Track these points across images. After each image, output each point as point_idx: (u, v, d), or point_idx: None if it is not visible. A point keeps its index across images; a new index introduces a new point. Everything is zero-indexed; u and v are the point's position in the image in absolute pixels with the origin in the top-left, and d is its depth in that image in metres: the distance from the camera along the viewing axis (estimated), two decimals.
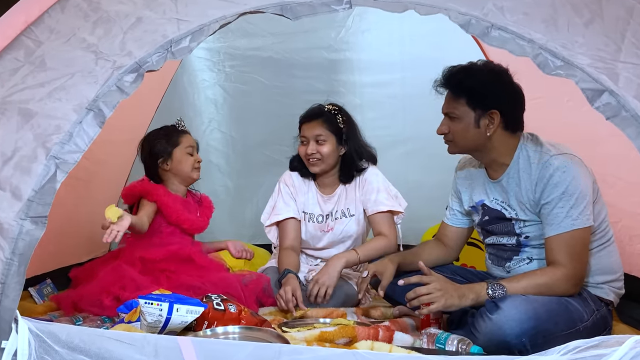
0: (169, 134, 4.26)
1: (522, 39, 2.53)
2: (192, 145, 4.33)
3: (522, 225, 3.37)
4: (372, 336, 3.20)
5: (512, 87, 3.38)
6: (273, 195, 4.52)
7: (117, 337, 2.40)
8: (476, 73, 3.38)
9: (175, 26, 2.68)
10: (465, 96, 3.34)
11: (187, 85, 5.83)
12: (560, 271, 3.15)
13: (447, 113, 3.42)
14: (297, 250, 4.39)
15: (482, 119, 3.33)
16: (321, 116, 4.28)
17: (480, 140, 3.37)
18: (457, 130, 3.39)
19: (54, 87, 2.65)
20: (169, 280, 3.88)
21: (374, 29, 5.61)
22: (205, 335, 3.06)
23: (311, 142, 4.24)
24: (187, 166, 4.27)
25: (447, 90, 3.43)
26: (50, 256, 4.46)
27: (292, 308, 3.84)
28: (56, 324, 2.55)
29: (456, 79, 3.38)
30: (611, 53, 2.49)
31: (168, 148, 4.28)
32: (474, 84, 3.34)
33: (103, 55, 2.68)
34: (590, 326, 3.13)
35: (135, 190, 4.27)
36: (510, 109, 3.36)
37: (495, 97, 3.32)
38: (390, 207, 4.29)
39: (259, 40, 5.67)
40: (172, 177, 4.30)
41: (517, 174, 3.34)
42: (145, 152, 4.32)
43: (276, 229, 4.49)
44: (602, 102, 2.44)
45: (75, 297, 3.84)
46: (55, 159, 2.55)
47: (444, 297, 3.14)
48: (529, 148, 3.34)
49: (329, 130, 4.24)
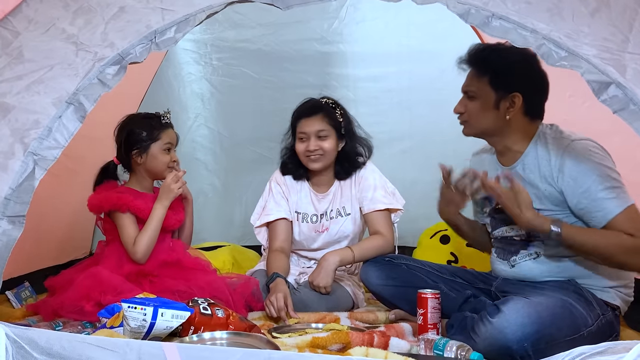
0: (151, 126, 4.16)
1: (524, 28, 2.53)
2: (172, 142, 4.21)
3: None
4: (367, 342, 3.19)
5: (538, 72, 3.36)
6: (263, 195, 4.51)
7: (99, 343, 2.39)
8: (504, 52, 3.35)
9: (159, 16, 2.68)
10: (488, 75, 3.35)
11: (172, 78, 5.82)
12: (631, 239, 3.09)
13: (467, 91, 3.43)
14: (286, 253, 4.37)
15: (503, 100, 3.33)
16: (321, 110, 4.27)
17: (498, 123, 3.36)
18: (474, 110, 3.39)
19: (32, 80, 2.65)
20: (153, 285, 3.85)
21: (369, 19, 5.60)
22: (192, 341, 3.05)
23: (312, 138, 4.22)
24: (161, 165, 4.15)
25: (471, 67, 3.43)
26: (29, 258, 4.44)
27: (283, 316, 3.82)
28: (35, 330, 2.54)
29: (482, 56, 3.40)
30: (618, 43, 2.49)
31: (146, 141, 4.15)
32: (500, 62, 3.34)
33: (84, 46, 2.68)
34: (595, 331, 3.12)
35: (104, 204, 4.12)
36: (533, 94, 3.35)
37: (519, 80, 3.32)
38: (387, 205, 4.27)
39: (248, 32, 5.66)
40: (142, 171, 4.22)
41: (536, 161, 3.32)
42: (122, 137, 4.22)
43: (266, 230, 4.47)
44: (609, 95, 2.44)
45: (54, 305, 3.80)
46: (34, 155, 2.54)
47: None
48: (548, 135, 3.33)
49: (330, 125, 4.24)
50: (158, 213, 4.03)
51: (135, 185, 4.21)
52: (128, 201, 4.01)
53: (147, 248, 3.96)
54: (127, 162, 4.16)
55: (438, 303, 3.35)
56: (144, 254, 3.96)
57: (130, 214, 4.03)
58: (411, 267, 3.75)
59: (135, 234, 4.01)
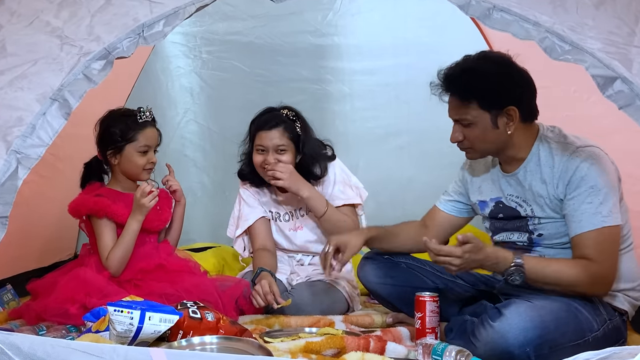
0: (126, 125, 4.05)
1: (526, 21, 2.53)
2: (149, 144, 4.08)
3: (537, 222, 3.33)
4: (363, 347, 3.18)
5: (521, 75, 3.31)
6: (235, 206, 4.55)
7: (84, 349, 2.39)
8: (482, 71, 3.27)
9: (147, 9, 2.68)
10: (475, 99, 3.25)
11: (160, 73, 5.82)
12: (595, 267, 3.10)
13: (458, 120, 3.35)
14: (269, 249, 4.41)
15: (499, 118, 3.26)
16: (281, 124, 4.25)
17: (502, 140, 3.31)
18: (474, 136, 3.32)
19: (15, 75, 2.64)
20: (138, 288, 3.83)
21: (365, 11, 5.61)
22: (180, 346, 3.04)
23: (271, 152, 4.22)
24: (136, 167, 4.07)
25: (452, 95, 3.34)
26: (11, 260, 4.44)
27: (271, 300, 3.86)
28: (17, 334, 2.54)
29: (461, 82, 3.29)
30: (624, 37, 2.49)
31: (120, 142, 4.04)
32: (484, 84, 3.25)
33: (69, 40, 2.67)
34: (601, 337, 3.11)
35: (82, 209, 4.09)
36: (524, 98, 3.29)
37: (509, 93, 3.25)
38: (344, 201, 4.31)
39: (239, 24, 5.67)
40: (118, 172, 4.15)
41: (538, 168, 3.30)
42: (98, 134, 4.15)
43: (242, 238, 4.51)
44: (614, 90, 2.44)
45: (38, 308, 3.78)
46: (17, 154, 2.54)
47: (455, 270, 3.14)
48: (551, 140, 3.30)
49: (289, 139, 4.24)
50: (132, 228, 3.96)
51: (115, 185, 4.16)
52: (105, 206, 3.96)
53: (119, 263, 3.93)
54: (105, 161, 4.12)
55: (436, 306, 3.35)
56: (117, 269, 3.93)
57: (107, 220, 3.99)
58: (411, 266, 3.74)
59: (111, 243, 3.97)
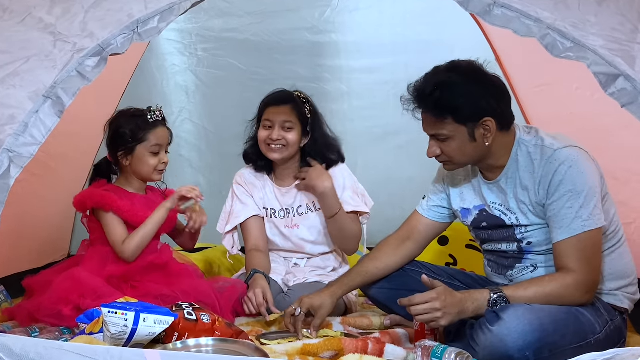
0: (136, 125, 4.07)
1: (528, 17, 2.53)
2: (161, 143, 4.11)
3: (524, 230, 3.34)
4: (361, 349, 3.19)
5: (493, 84, 3.30)
6: (227, 201, 4.55)
7: (77, 350, 2.39)
8: (452, 85, 3.24)
9: (142, 4, 2.68)
10: (449, 114, 3.23)
11: (155, 70, 5.80)
12: (572, 277, 3.12)
13: (435, 135, 3.33)
14: (262, 250, 4.42)
15: (476, 130, 3.25)
16: (291, 102, 4.32)
17: (480, 152, 3.31)
18: (452, 150, 3.32)
19: (7, 73, 2.64)
20: (134, 290, 3.83)
21: (363, 8, 5.59)
22: (176, 348, 3.05)
23: (277, 127, 4.25)
24: (148, 168, 4.08)
25: (424, 112, 3.33)
26: (3, 261, 4.43)
27: (264, 312, 3.86)
28: (10, 336, 2.54)
29: (433, 99, 3.25)
30: (627, 34, 2.49)
31: (131, 142, 4.05)
32: (456, 99, 3.22)
33: (62, 36, 2.67)
34: (603, 339, 3.12)
35: (88, 202, 4.10)
36: (499, 107, 3.27)
37: (483, 105, 3.23)
38: (354, 208, 4.32)
39: (235, 21, 5.65)
40: (129, 173, 4.16)
41: (517, 173, 3.31)
42: (109, 136, 4.16)
43: (231, 235, 4.51)
44: (617, 87, 2.44)
45: (31, 308, 3.78)
46: (9, 152, 2.54)
47: (443, 319, 3.10)
48: (529, 143, 3.30)
49: (297, 118, 4.28)
50: (159, 214, 4.00)
51: (124, 184, 4.16)
52: (112, 201, 3.95)
53: (137, 247, 3.93)
54: (116, 162, 4.12)
55: None
56: (133, 253, 3.92)
57: (113, 214, 3.98)
58: (407, 269, 3.75)
59: (124, 232, 3.97)
